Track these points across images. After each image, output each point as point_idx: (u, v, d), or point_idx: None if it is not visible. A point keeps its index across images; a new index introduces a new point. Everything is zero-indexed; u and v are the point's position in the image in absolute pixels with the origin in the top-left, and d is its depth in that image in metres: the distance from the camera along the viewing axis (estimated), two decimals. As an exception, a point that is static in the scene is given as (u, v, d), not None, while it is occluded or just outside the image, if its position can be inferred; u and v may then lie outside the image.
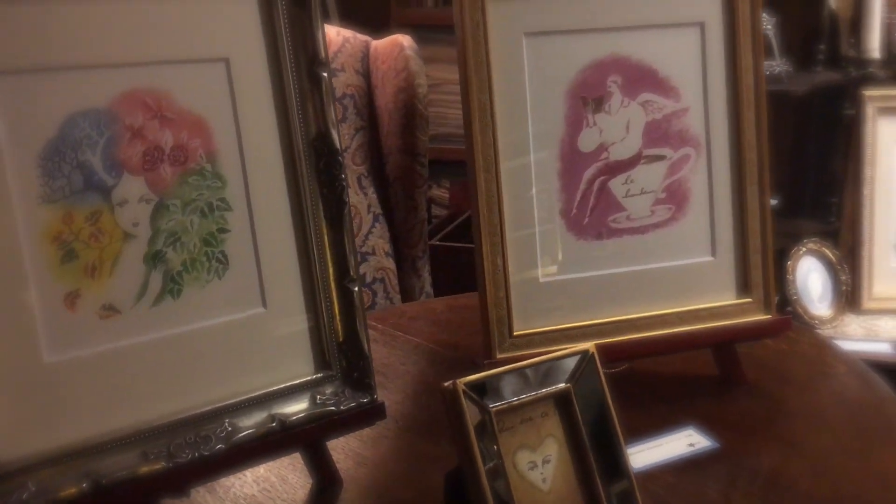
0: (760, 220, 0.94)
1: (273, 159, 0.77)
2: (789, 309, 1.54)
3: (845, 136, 1.84)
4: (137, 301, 0.71)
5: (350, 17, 2.88)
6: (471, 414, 0.68)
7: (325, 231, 0.78)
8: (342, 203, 0.78)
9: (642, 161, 0.92)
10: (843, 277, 1.57)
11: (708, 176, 0.94)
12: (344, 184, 0.78)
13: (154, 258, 0.71)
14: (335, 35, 1.78)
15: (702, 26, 0.92)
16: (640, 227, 0.93)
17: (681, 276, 0.94)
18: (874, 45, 1.57)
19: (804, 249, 1.57)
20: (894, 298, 1.61)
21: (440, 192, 3.12)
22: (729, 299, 0.95)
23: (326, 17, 2.75)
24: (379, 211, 1.86)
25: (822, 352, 1.06)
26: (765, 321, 0.95)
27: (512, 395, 0.70)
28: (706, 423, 0.89)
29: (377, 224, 1.87)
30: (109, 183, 0.69)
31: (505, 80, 0.87)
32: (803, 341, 1.08)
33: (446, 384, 0.68)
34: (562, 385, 0.72)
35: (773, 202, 0.96)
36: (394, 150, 1.88)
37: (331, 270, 0.79)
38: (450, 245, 2.56)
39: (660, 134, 0.92)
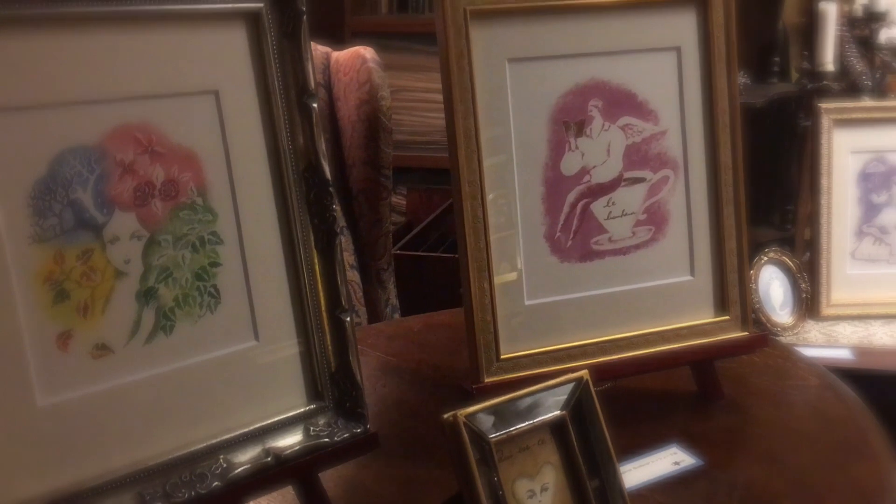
0: (737, 239, 0.97)
1: (264, 191, 0.76)
2: (752, 315, 1.58)
3: (800, 146, 1.89)
4: (130, 339, 0.69)
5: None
6: (472, 445, 0.68)
7: (316, 262, 0.78)
8: (333, 233, 0.78)
9: (623, 183, 0.94)
10: (803, 285, 1.61)
11: (686, 197, 0.96)
12: (335, 214, 0.78)
13: (146, 295, 0.70)
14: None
15: (678, 51, 0.94)
16: (621, 249, 0.94)
17: (661, 295, 0.96)
18: (828, 58, 1.61)
19: (765, 259, 1.61)
20: (851, 305, 1.66)
21: (397, 200, 3.12)
22: (708, 317, 0.97)
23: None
24: (343, 223, 1.86)
25: (794, 364, 1.09)
26: (742, 338, 0.97)
27: (510, 425, 0.71)
28: (689, 440, 0.91)
29: (341, 236, 1.86)
30: (100, 220, 0.68)
31: (489, 107, 0.88)
32: (775, 354, 1.11)
33: (447, 416, 0.68)
34: (558, 412, 0.73)
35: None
36: (357, 163, 1.88)
37: (322, 301, 0.78)
38: (412, 255, 2.56)
39: (639, 156, 0.94)
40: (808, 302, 1.63)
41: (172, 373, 0.72)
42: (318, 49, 1.92)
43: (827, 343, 1.57)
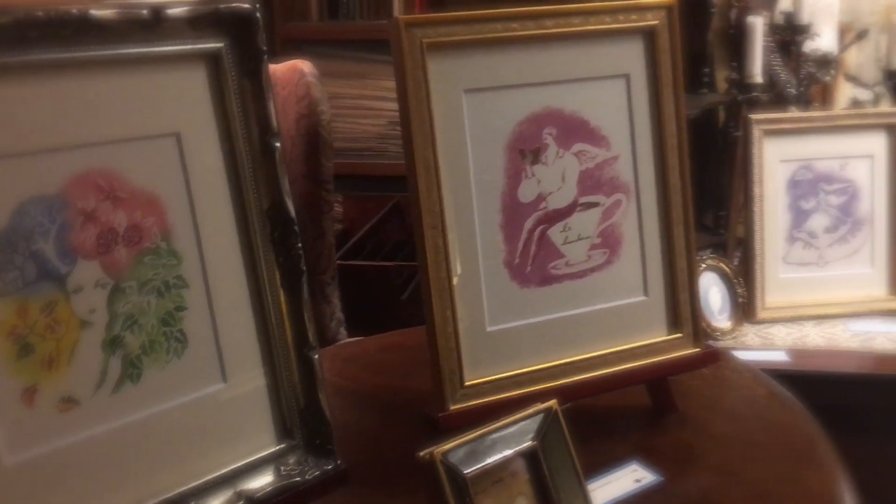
0: (687, 258, 1.00)
1: (228, 232, 0.75)
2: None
3: (730, 154, 1.95)
4: (97, 390, 0.68)
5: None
6: (448, 481, 0.69)
7: (282, 300, 0.78)
8: (299, 271, 0.78)
9: (578, 209, 0.96)
10: (740, 290, 1.67)
11: (638, 219, 0.98)
12: (300, 252, 0.77)
13: (112, 344, 0.69)
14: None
15: (627, 78, 0.97)
16: (578, 272, 0.96)
17: (617, 316, 0.98)
18: (756, 70, 1.67)
19: (704, 266, 1.66)
20: (785, 308, 1.72)
21: (335, 208, 3.10)
22: (661, 335, 1.00)
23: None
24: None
25: (740, 375, 1.13)
26: (695, 354, 1.01)
27: (484, 459, 0.72)
28: (648, 457, 0.94)
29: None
30: (63, 270, 0.66)
31: (447, 137, 0.89)
32: (722, 365, 1.14)
33: (423, 454, 0.69)
34: (529, 443, 0.74)
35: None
36: (298, 177, 1.86)
37: (290, 339, 0.78)
38: (355, 265, 2.55)
39: (593, 182, 0.96)
40: (745, 306, 1.69)
41: (141, 421, 0.70)
42: (254, 62, 1.89)
43: (763, 346, 1.62)
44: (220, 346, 0.75)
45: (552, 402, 0.75)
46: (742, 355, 1.58)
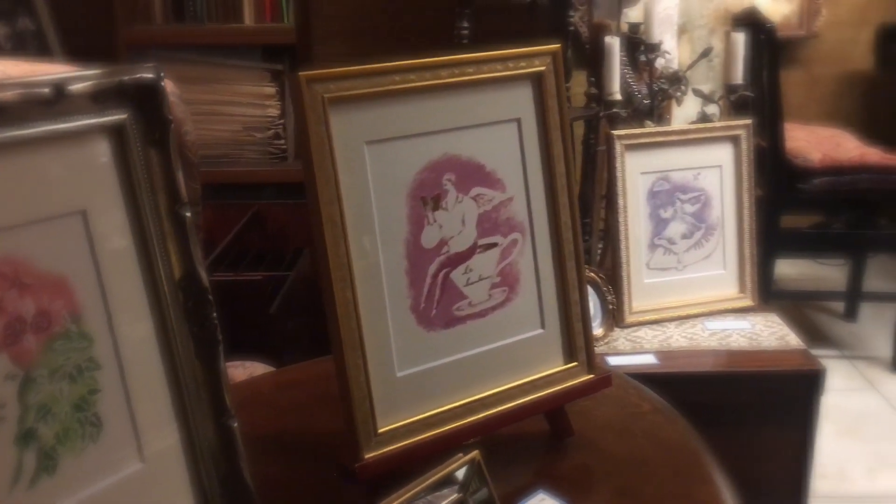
0: (579, 290, 1.05)
1: (139, 306, 0.73)
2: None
3: (592, 165, 2.05)
4: (12, 487, 0.64)
5: (72, 42, 2.65)
6: (384, 545, 0.70)
7: (198, 372, 0.76)
8: (215, 341, 0.76)
9: (478, 250, 0.98)
10: (610, 297, 1.76)
11: (533, 257, 1.02)
12: (215, 322, 0.76)
13: (25, 438, 0.65)
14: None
15: (518, 122, 1.00)
16: (480, 312, 0.99)
17: (518, 350, 1.02)
18: (616, 87, 1.76)
19: (576, 276, 1.74)
20: (649, 311, 1.83)
21: (193, 220, 2.99)
22: (559, 366, 1.05)
23: (48, 53, 2.51)
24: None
25: (626, 392, 1.20)
26: (589, 381, 1.06)
27: (415, 517, 0.74)
28: (552, 484, 0.98)
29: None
30: (-30, 367, 0.62)
31: (351, 190, 0.89)
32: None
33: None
34: (455, 496, 0.77)
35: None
36: (163, 201, 1.80)
37: (207, 411, 0.76)
38: (219, 279, 2.49)
39: (491, 223, 0.99)
40: (615, 312, 1.78)
41: (59, 514, 0.67)
42: (108, 80, 1.80)
43: (634, 350, 1.73)
44: (136, 424, 0.73)
45: (475, 454, 0.78)
46: (616, 360, 1.68)
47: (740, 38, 1.86)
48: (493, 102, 0.98)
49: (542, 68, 1.01)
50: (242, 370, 1.71)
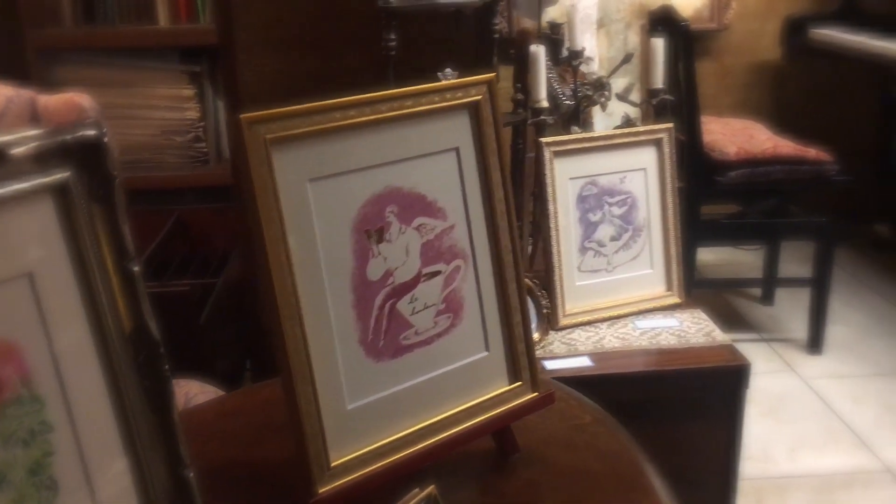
0: (521, 312, 1.07)
1: (90, 364, 0.72)
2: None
3: (520, 170, 2.08)
4: (-32, 562, 0.63)
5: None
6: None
7: (152, 424, 0.75)
8: (168, 393, 0.76)
9: (423, 279, 1.00)
10: (544, 302, 1.80)
11: (476, 282, 1.04)
12: (167, 374, 0.76)
13: (-20, 509, 0.64)
14: None
15: (457, 151, 1.02)
16: (426, 339, 1.01)
17: (464, 374, 1.04)
18: (542, 95, 1.79)
19: (510, 283, 1.77)
20: (582, 312, 1.88)
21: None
22: (504, 386, 1.07)
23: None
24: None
25: (568, 404, 1.23)
26: (534, 399, 1.09)
27: (377, 556, 0.75)
28: (501, 501, 1.01)
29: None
30: (-80, 444, 0.60)
31: (296, 228, 0.89)
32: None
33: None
34: (415, 531, 0.79)
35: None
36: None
37: (163, 463, 0.76)
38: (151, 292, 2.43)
39: (434, 252, 1.01)
40: (549, 316, 1.83)
41: (17, 582, 0.66)
42: (23, 95, 1.75)
43: (569, 353, 1.77)
44: (91, 483, 0.72)
45: (431, 489, 0.80)
46: (552, 364, 1.72)
47: (660, 44, 1.91)
48: (433, 133, 1.00)
49: (479, 97, 1.02)
50: (178, 389, 1.69)
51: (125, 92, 3.06)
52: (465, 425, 1.03)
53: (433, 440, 1.00)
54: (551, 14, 2.97)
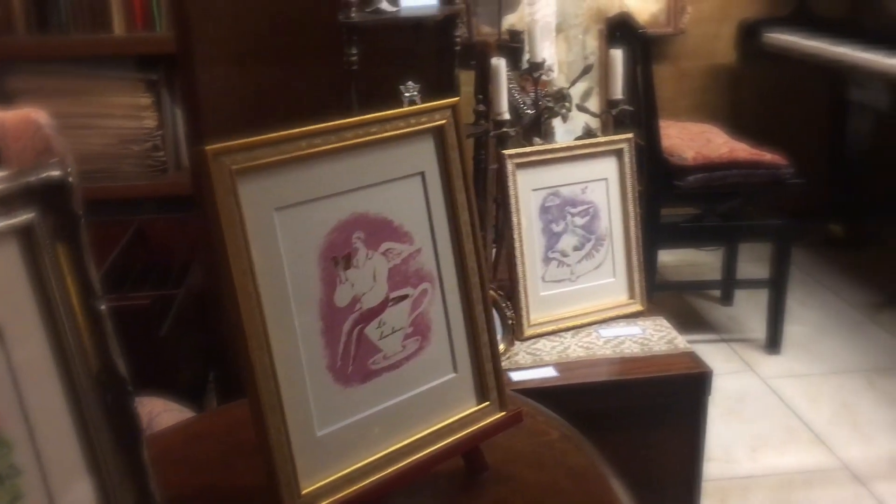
0: (488, 332, 1.08)
1: (58, 407, 0.71)
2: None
3: (483, 180, 2.09)
4: None
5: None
6: None
7: (121, 463, 0.75)
8: (137, 431, 0.75)
9: (390, 303, 1.00)
10: (509, 313, 1.81)
11: (443, 305, 1.05)
12: (135, 412, 0.75)
13: (-53, 559, 0.63)
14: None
15: (423, 175, 1.02)
16: (395, 363, 1.01)
17: (433, 396, 1.05)
18: (504, 107, 1.80)
19: (475, 295, 1.78)
20: (547, 322, 1.89)
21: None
22: (472, 407, 1.08)
23: None
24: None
25: (535, 420, 1.25)
26: (502, 418, 1.10)
27: (351, 588, 0.75)
28: (472, 522, 1.02)
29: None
30: None
31: (263, 257, 0.89)
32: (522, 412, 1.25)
33: None
34: (388, 561, 0.79)
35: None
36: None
37: (133, 501, 0.76)
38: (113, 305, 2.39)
39: (401, 276, 1.01)
40: (514, 326, 1.84)
41: None
42: (-24, 111, 1.72)
43: (534, 363, 1.78)
44: (61, 526, 0.71)
45: (404, 517, 0.80)
46: (518, 375, 1.74)
47: (618, 55, 1.94)
48: (398, 158, 1.00)
49: (443, 122, 1.03)
50: (141, 408, 1.68)
51: (81, 101, 3.01)
52: (434, 447, 1.03)
53: (403, 463, 1.00)
54: (510, 20, 2.99)
